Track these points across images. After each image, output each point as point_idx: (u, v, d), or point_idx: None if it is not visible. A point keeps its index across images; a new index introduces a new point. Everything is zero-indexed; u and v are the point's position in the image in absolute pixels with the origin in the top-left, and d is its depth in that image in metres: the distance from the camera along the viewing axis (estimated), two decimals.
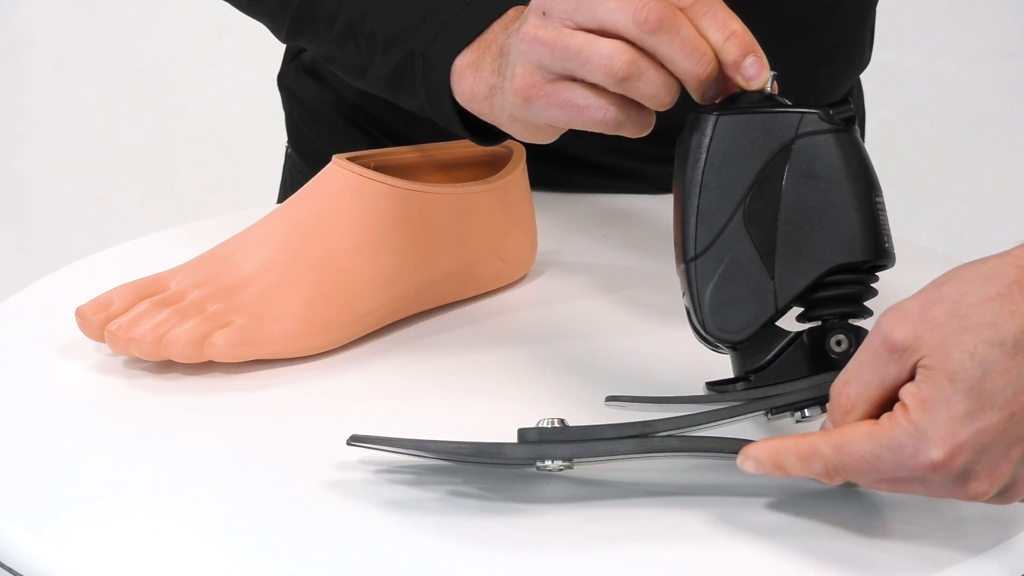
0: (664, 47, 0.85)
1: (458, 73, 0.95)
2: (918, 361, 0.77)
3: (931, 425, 0.76)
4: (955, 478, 0.77)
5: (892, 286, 0.92)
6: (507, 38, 0.93)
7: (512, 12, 0.96)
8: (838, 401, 0.80)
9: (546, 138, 0.93)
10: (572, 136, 0.93)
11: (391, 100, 1.03)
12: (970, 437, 0.76)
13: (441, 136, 1.04)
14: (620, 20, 0.85)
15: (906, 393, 0.77)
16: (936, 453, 0.76)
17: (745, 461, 0.81)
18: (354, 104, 1.29)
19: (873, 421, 0.78)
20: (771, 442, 0.80)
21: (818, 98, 1.25)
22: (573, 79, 0.88)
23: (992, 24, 2.67)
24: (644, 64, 0.85)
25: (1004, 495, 0.79)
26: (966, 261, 1.18)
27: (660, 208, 1.24)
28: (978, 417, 0.76)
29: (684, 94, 0.88)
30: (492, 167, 1.13)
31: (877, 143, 1.27)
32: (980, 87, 2.68)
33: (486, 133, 0.98)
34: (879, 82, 1.60)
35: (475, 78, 0.94)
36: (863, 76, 1.35)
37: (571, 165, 1.25)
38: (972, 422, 0.76)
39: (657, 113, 0.89)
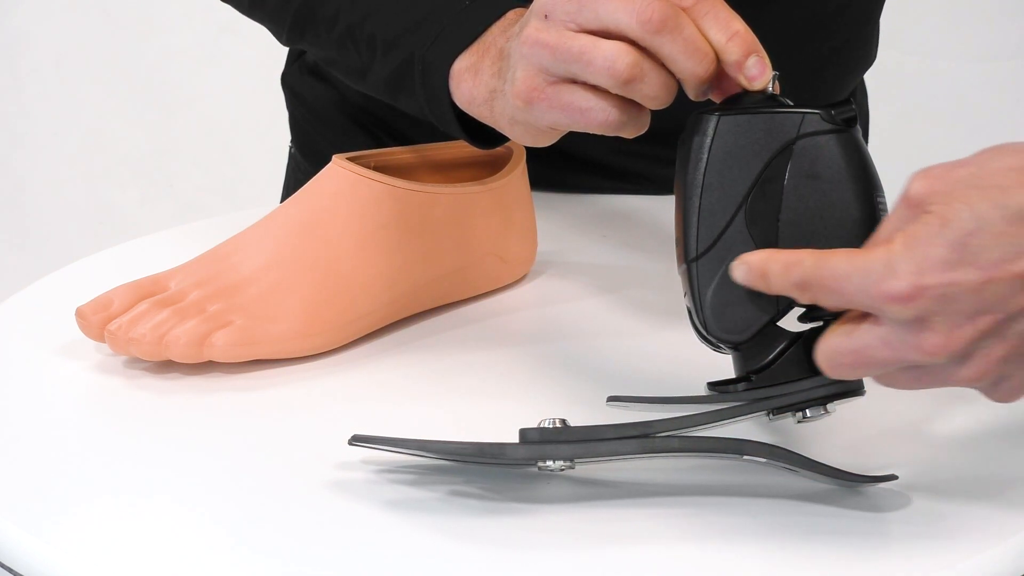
0: (667, 47, 0.85)
1: (457, 76, 0.95)
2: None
3: (905, 259, 0.76)
4: (910, 322, 0.76)
5: None
6: (506, 41, 0.93)
7: (511, 15, 0.96)
8: None
9: (546, 141, 0.93)
10: (573, 136, 0.93)
11: (391, 103, 1.03)
12: (937, 284, 0.75)
13: (442, 137, 1.04)
14: (623, 20, 0.85)
15: (900, 231, 0.77)
16: (897, 284, 0.75)
17: (738, 266, 0.81)
18: (358, 104, 1.29)
19: (862, 249, 0.78)
20: (768, 251, 0.81)
21: (824, 98, 1.24)
22: (574, 81, 0.88)
23: (992, 24, 2.67)
24: (647, 65, 0.85)
25: (988, 382, 0.78)
26: None
27: (660, 208, 1.24)
28: (954, 267, 0.75)
29: (682, 94, 0.88)
30: (492, 167, 1.13)
31: (877, 143, 1.27)
32: (980, 87, 2.68)
33: (485, 136, 0.98)
34: (880, 82, 1.60)
35: (474, 81, 0.94)
36: (865, 76, 1.35)
37: (572, 165, 1.25)
38: (946, 270, 0.75)
39: (658, 113, 0.89)
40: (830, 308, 0.80)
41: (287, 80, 1.36)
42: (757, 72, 0.85)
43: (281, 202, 1.28)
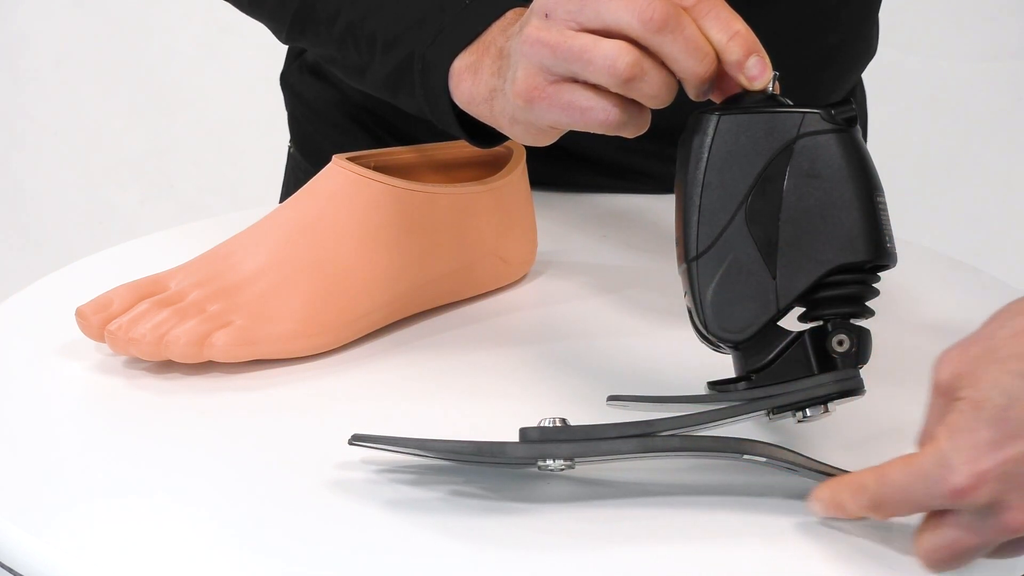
0: (668, 47, 0.85)
1: (456, 75, 0.95)
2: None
3: (954, 451, 0.76)
4: (985, 509, 0.77)
5: (894, 286, 0.92)
6: (506, 40, 0.93)
7: (511, 14, 0.96)
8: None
9: (547, 140, 0.93)
10: (574, 133, 0.93)
11: (390, 101, 1.03)
12: (995, 465, 0.76)
13: (443, 136, 1.04)
14: (624, 19, 0.85)
15: (940, 423, 0.78)
16: (958, 479, 0.76)
17: (814, 503, 0.82)
18: (358, 103, 1.29)
19: (911, 454, 0.79)
20: (830, 482, 0.82)
21: (824, 96, 1.25)
22: (575, 80, 0.88)
23: (992, 24, 2.67)
24: (647, 64, 0.86)
25: None
26: (967, 262, 1.19)
27: (660, 208, 1.24)
28: (1003, 445, 0.76)
29: (683, 93, 0.88)
30: (492, 167, 1.13)
31: (877, 143, 1.27)
32: (980, 87, 2.68)
33: (484, 135, 0.98)
34: (879, 82, 1.60)
35: (474, 80, 0.94)
36: (864, 75, 1.35)
37: (573, 163, 1.25)
38: (997, 450, 0.76)
39: (660, 112, 0.89)
40: (904, 515, 0.81)
41: (287, 79, 1.36)
42: (757, 72, 0.85)
43: (281, 202, 1.28)
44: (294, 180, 1.36)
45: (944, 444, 0.77)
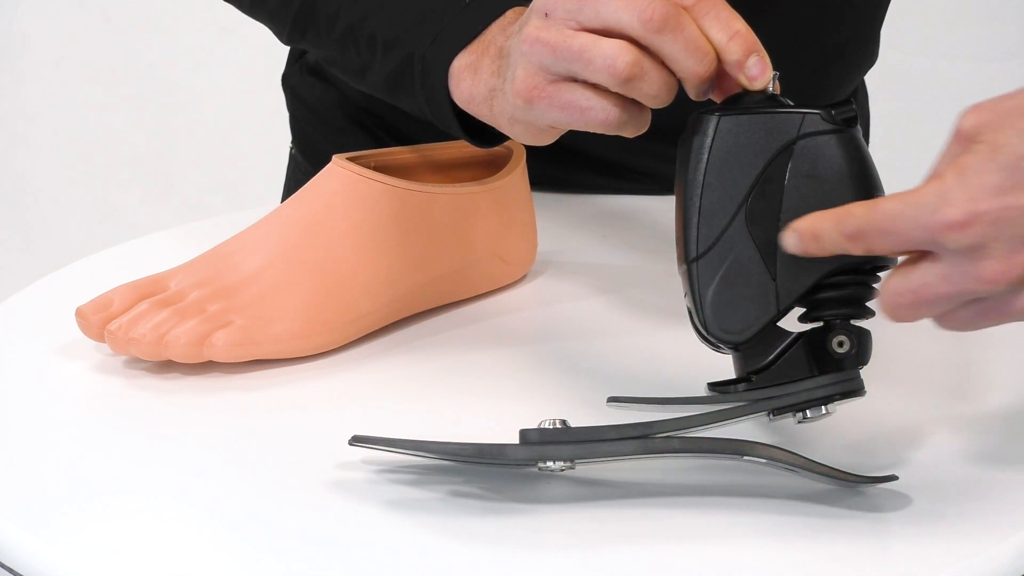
0: (668, 46, 0.85)
1: (456, 75, 0.95)
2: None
3: (958, 187, 0.76)
4: (968, 250, 0.75)
5: None
6: (506, 40, 0.93)
7: (510, 14, 0.96)
8: None
9: (546, 140, 0.93)
10: (574, 132, 0.93)
11: (391, 102, 1.03)
12: (992, 208, 0.75)
13: (444, 136, 1.04)
14: (624, 19, 0.85)
15: (950, 164, 0.77)
16: (953, 212, 0.75)
17: (786, 235, 0.81)
18: (359, 105, 1.29)
19: (914, 188, 0.78)
20: (814, 213, 0.80)
21: (826, 98, 1.25)
22: (575, 80, 0.88)
23: (992, 24, 2.67)
24: (647, 64, 0.85)
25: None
26: None
27: (660, 208, 1.24)
28: (1008, 192, 0.75)
29: (683, 92, 0.88)
30: (492, 167, 1.13)
31: (878, 143, 1.27)
32: (980, 87, 2.67)
33: (484, 135, 0.98)
34: (881, 82, 1.60)
35: (474, 80, 0.94)
36: (865, 76, 1.35)
37: (573, 163, 1.25)
38: (1000, 195, 0.75)
39: (660, 112, 0.89)
40: (885, 252, 0.79)
41: (288, 81, 1.36)
42: (758, 72, 0.85)
43: (281, 202, 1.28)
44: (295, 181, 1.36)
45: (950, 179, 0.76)
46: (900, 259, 0.81)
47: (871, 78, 1.36)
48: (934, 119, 2.70)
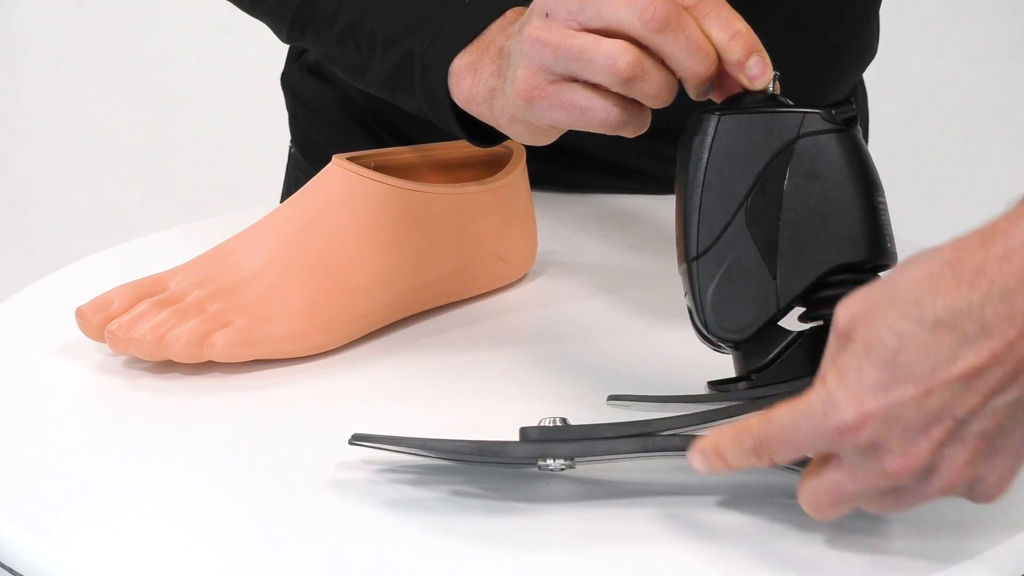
0: (669, 46, 0.85)
1: (456, 74, 0.95)
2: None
3: (841, 391, 0.75)
4: (866, 450, 0.76)
5: None
6: (506, 39, 0.93)
7: (510, 13, 0.96)
8: None
9: (546, 140, 0.93)
10: (574, 132, 0.93)
11: (390, 101, 1.03)
12: (879, 407, 0.75)
13: (444, 136, 1.04)
14: (626, 19, 0.85)
15: (830, 365, 0.77)
16: (841, 415, 0.75)
17: (693, 456, 0.80)
18: (359, 104, 1.29)
19: (801, 396, 0.78)
20: (715, 431, 0.80)
21: (824, 97, 1.25)
22: (575, 80, 0.88)
23: (992, 24, 2.67)
24: (648, 64, 0.85)
25: (964, 488, 0.77)
26: None
27: (660, 208, 1.24)
28: (890, 388, 0.75)
29: (683, 92, 0.88)
30: (492, 167, 1.13)
31: (878, 142, 1.27)
32: (980, 87, 2.68)
33: (484, 134, 0.98)
34: (880, 82, 1.60)
35: (474, 80, 0.94)
36: (865, 75, 1.35)
37: (573, 162, 1.25)
38: (883, 392, 0.75)
39: (660, 112, 0.89)
40: (788, 462, 0.80)
41: (287, 80, 1.35)
42: (758, 72, 0.85)
43: (281, 202, 1.28)
44: (295, 180, 1.36)
45: (832, 384, 0.76)
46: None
47: (871, 78, 1.36)
48: (934, 119, 2.71)
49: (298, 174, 1.35)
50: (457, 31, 0.96)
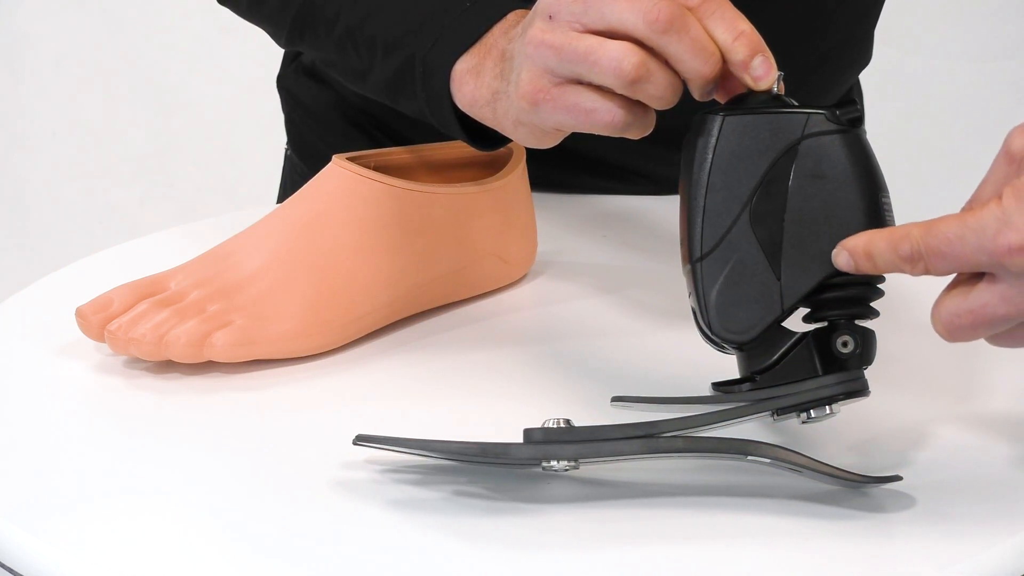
0: (674, 47, 0.84)
1: (458, 78, 0.95)
2: None
3: (1018, 211, 0.76)
4: None
5: (898, 287, 0.92)
6: (508, 42, 0.93)
7: (512, 16, 0.96)
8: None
9: (551, 142, 0.92)
10: (576, 134, 0.93)
11: (391, 105, 1.03)
12: None
13: (442, 137, 1.04)
14: (630, 20, 0.85)
15: (1007, 186, 0.77)
16: (1016, 236, 0.76)
17: (839, 253, 0.81)
18: (355, 106, 1.28)
19: (970, 210, 0.78)
20: (866, 232, 0.81)
21: (818, 98, 1.24)
22: (580, 82, 0.87)
23: (992, 24, 2.67)
24: (653, 65, 0.85)
25: None
26: None
27: (660, 208, 1.24)
28: None
29: (686, 94, 0.87)
30: (491, 167, 1.13)
31: (876, 143, 1.27)
32: (980, 87, 2.68)
33: (486, 138, 0.98)
34: (878, 82, 1.60)
35: (476, 83, 0.94)
36: (862, 76, 1.35)
37: (573, 165, 1.25)
38: None
39: (663, 113, 0.88)
40: (942, 274, 0.80)
41: (283, 82, 1.35)
42: (763, 72, 0.85)
43: (278, 203, 1.28)
44: (291, 182, 1.36)
45: (1009, 203, 0.76)
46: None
47: (867, 78, 1.36)
48: (933, 119, 2.71)
49: (294, 176, 1.35)
50: (459, 34, 0.96)
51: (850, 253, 0.81)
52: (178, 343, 0.97)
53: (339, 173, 1.03)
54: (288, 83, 1.34)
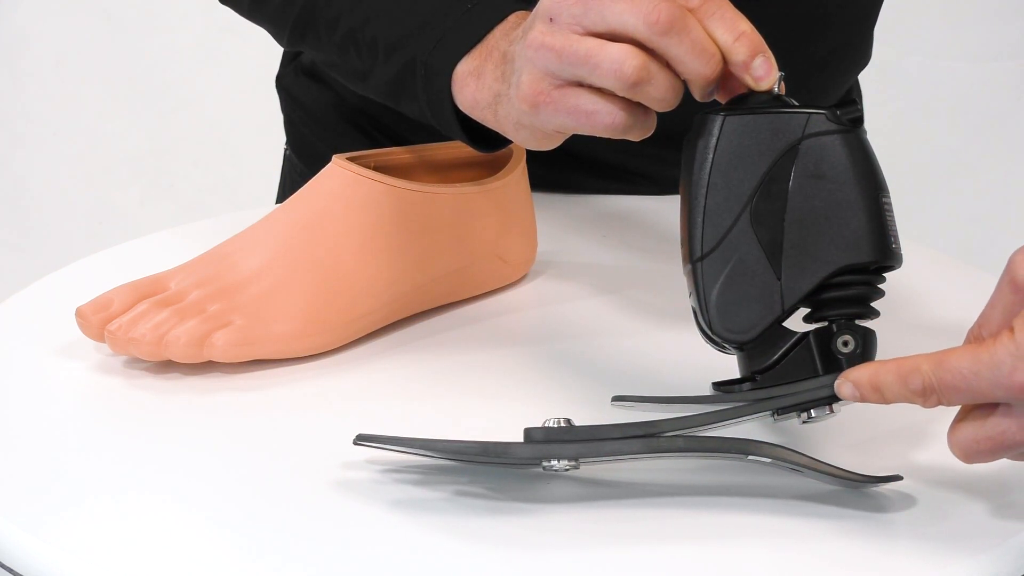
0: (674, 48, 0.84)
1: (460, 80, 0.95)
2: None
3: None
4: None
5: (899, 287, 0.92)
6: (509, 44, 0.93)
7: (513, 18, 0.96)
8: (970, 341, 0.80)
9: (552, 144, 0.92)
10: (575, 135, 0.93)
11: (392, 106, 1.03)
12: None
13: (442, 138, 1.04)
14: (630, 22, 0.85)
15: (1017, 318, 0.77)
16: None
17: (843, 384, 0.81)
18: (355, 106, 1.28)
19: (978, 343, 0.78)
20: (871, 364, 0.81)
21: (818, 99, 1.24)
22: (580, 85, 0.87)
23: (992, 24, 2.67)
24: (654, 67, 0.85)
25: None
26: (966, 263, 1.18)
27: (660, 209, 1.24)
28: None
29: (687, 95, 0.87)
30: (492, 167, 1.13)
31: (876, 143, 1.27)
32: (980, 87, 2.68)
33: (487, 139, 0.98)
34: (878, 82, 1.60)
35: (477, 85, 0.94)
36: (862, 76, 1.35)
37: (574, 165, 1.25)
38: None
39: (662, 114, 0.88)
40: (955, 405, 0.80)
41: (282, 82, 1.35)
42: (763, 72, 0.85)
43: (276, 203, 1.28)
44: (290, 182, 1.36)
45: (1021, 337, 0.76)
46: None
47: (867, 78, 1.36)
48: (933, 119, 2.71)
49: (293, 176, 1.35)
50: (460, 36, 0.96)
51: (855, 385, 0.81)
52: (178, 343, 0.97)
53: (339, 173, 1.03)
54: (287, 83, 1.34)
